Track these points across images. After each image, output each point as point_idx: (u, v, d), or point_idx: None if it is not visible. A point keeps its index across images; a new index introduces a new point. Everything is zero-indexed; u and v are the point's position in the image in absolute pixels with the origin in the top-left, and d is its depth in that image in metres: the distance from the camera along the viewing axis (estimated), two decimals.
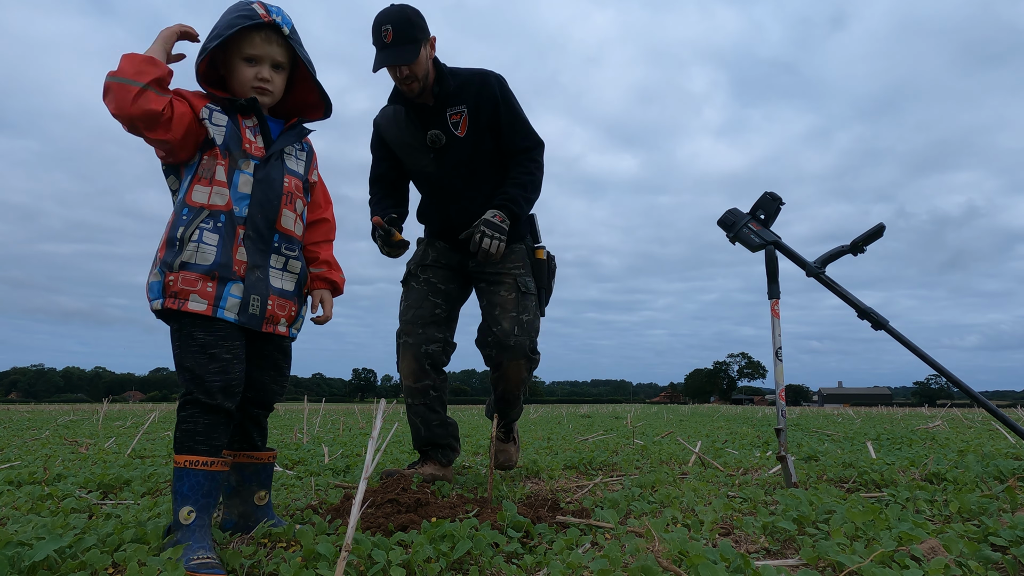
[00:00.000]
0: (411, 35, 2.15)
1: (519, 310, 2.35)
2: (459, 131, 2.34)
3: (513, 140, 2.39)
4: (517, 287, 2.38)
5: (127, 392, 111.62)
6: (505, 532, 1.59)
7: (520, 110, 2.41)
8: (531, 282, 2.43)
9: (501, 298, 2.37)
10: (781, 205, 2.54)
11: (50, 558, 1.26)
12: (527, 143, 2.40)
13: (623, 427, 7.04)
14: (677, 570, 1.24)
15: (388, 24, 2.13)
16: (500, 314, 2.34)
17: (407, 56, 2.14)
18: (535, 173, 2.40)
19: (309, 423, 7.79)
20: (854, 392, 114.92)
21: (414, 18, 2.17)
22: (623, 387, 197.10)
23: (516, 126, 2.39)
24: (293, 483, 2.52)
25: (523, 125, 2.40)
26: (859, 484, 2.45)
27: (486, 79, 2.35)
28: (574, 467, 3.12)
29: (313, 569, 1.27)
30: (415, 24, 2.16)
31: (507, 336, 2.30)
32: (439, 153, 2.36)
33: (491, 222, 2.23)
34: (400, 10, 2.16)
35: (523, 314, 2.35)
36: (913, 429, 6.35)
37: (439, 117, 2.33)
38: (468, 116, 2.33)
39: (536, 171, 2.40)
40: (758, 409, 24.36)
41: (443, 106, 2.33)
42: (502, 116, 2.36)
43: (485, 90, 2.34)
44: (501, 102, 2.35)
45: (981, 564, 1.28)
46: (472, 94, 2.33)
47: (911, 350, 2.33)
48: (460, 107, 2.33)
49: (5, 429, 6.88)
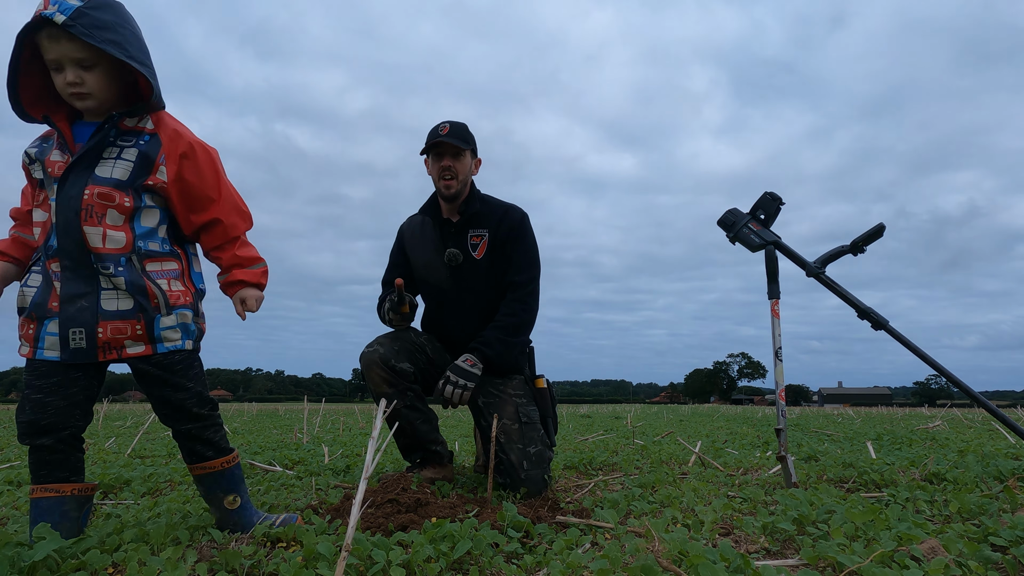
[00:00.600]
0: (464, 136, 2.35)
1: (524, 441, 2.28)
2: (477, 253, 2.41)
3: (511, 276, 2.41)
4: (519, 417, 2.34)
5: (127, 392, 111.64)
6: (505, 532, 1.59)
7: (531, 248, 2.46)
8: (534, 412, 2.39)
9: (504, 425, 2.31)
10: (781, 205, 2.54)
11: (50, 558, 1.27)
12: (521, 278, 2.41)
13: (623, 427, 7.04)
14: (677, 570, 1.24)
15: (447, 123, 2.35)
16: (507, 443, 2.27)
17: (457, 142, 2.31)
18: (520, 315, 2.39)
19: (309, 423, 7.79)
20: (854, 392, 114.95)
21: (469, 130, 2.41)
22: (623, 387, 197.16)
23: (520, 261, 2.42)
24: (293, 483, 2.52)
25: (527, 261, 2.43)
26: (859, 484, 2.45)
27: (510, 211, 2.46)
28: (574, 467, 3.12)
29: (313, 569, 1.28)
30: (469, 133, 2.40)
31: (516, 470, 2.23)
32: (454, 271, 2.43)
33: (460, 367, 2.24)
34: (459, 123, 2.39)
35: (529, 446, 2.28)
36: (913, 429, 6.35)
37: (461, 236, 2.43)
38: (488, 241, 2.42)
39: (522, 312, 2.39)
40: (758, 409, 24.37)
41: (467, 226, 2.43)
42: (514, 248, 2.42)
43: (507, 220, 2.43)
44: (518, 236, 2.43)
45: (981, 564, 1.28)
46: (495, 221, 2.43)
47: (911, 350, 2.33)
48: (482, 231, 2.42)
49: (5, 429, 6.88)
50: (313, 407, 14.19)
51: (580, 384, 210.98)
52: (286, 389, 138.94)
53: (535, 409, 2.41)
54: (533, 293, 2.42)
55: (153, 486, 2.47)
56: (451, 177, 2.34)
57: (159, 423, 8.20)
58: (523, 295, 2.40)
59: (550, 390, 2.52)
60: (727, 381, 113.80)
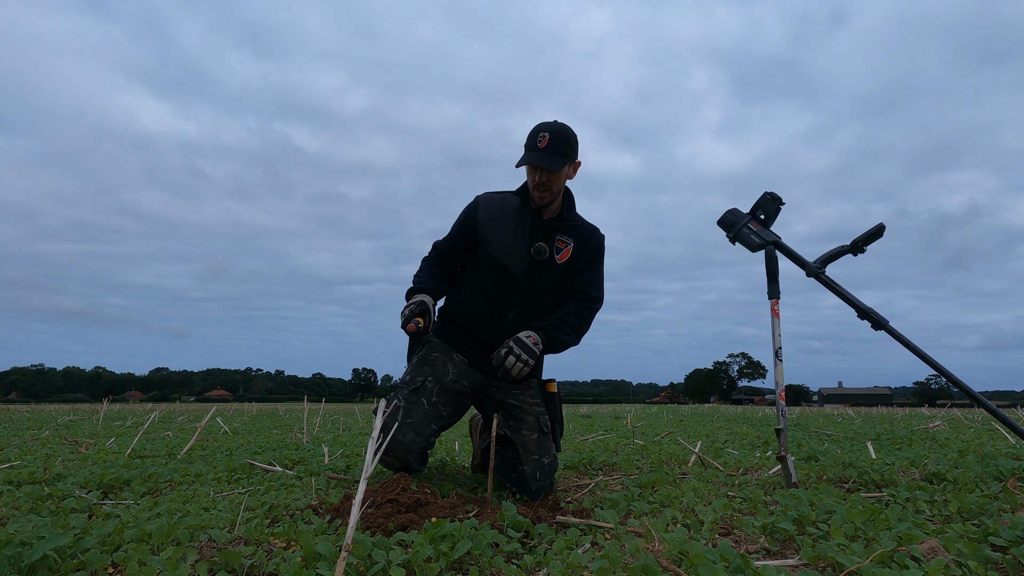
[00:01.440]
0: (563, 149, 2.24)
1: (541, 452, 2.30)
2: (560, 257, 2.40)
3: (584, 285, 2.43)
4: (540, 427, 2.35)
5: (127, 392, 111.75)
6: (505, 532, 1.59)
7: (602, 275, 2.50)
8: (547, 420, 2.41)
9: (523, 437, 2.33)
10: (781, 205, 2.54)
11: (50, 558, 1.26)
12: (595, 293, 2.45)
13: (623, 427, 7.04)
14: (677, 570, 1.24)
15: (547, 132, 2.24)
16: (523, 454, 2.29)
17: (554, 164, 2.22)
18: (585, 315, 2.42)
19: (309, 423, 7.78)
20: (854, 392, 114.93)
21: (571, 136, 2.28)
22: (623, 387, 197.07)
23: (595, 277, 2.47)
24: (293, 483, 2.52)
25: (600, 280, 2.49)
26: (859, 484, 2.45)
27: (596, 231, 2.48)
28: (574, 467, 3.12)
29: (313, 569, 1.28)
30: (570, 142, 2.27)
31: (528, 481, 2.24)
32: (533, 263, 2.38)
33: (523, 342, 2.22)
34: (561, 125, 2.27)
35: (544, 456, 2.30)
36: (913, 429, 6.35)
37: (550, 236, 2.39)
38: (572, 251, 2.41)
39: (587, 313, 2.43)
40: (758, 409, 24.37)
41: (557, 229, 2.40)
42: (591, 265, 2.45)
43: (592, 240, 2.45)
44: (597, 256, 2.47)
45: (981, 564, 1.28)
46: (583, 236, 2.43)
47: (911, 350, 2.33)
48: (569, 239, 2.41)
49: (5, 429, 6.88)
50: (313, 407, 14.20)
51: (580, 384, 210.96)
52: (286, 389, 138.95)
53: (547, 417, 2.42)
54: (596, 309, 2.46)
55: (153, 486, 2.47)
56: (544, 190, 2.29)
57: (159, 423, 8.20)
58: (592, 304, 2.44)
59: (558, 393, 2.52)
60: (727, 381, 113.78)
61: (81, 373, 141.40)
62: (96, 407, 20.84)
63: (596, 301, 2.45)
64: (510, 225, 2.39)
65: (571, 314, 2.38)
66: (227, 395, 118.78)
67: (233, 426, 7.50)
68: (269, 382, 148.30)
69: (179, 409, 19.53)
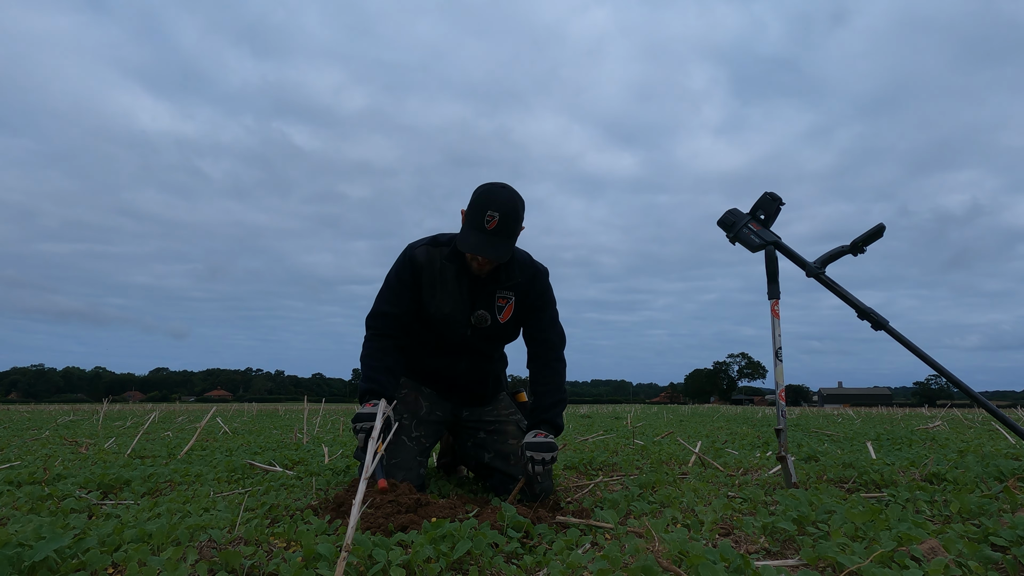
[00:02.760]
0: (513, 230, 2.10)
1: None
2: (502, 316, 2.30)
3: (548, 334, 2.36)
4: (522, 432, 2.35)
5: (127, 392, 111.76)
6: (505, 532, 1.59)
7: (555, 306, 2.41)
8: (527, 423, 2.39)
9: (511, 446, 2.34)
10: (781, 205, 2.54)
11: (50, 558, 1.26)
12: (558, 339, 2.38)
13: (623, 427, 7.03)
14: (677, 570, 1.24)
15: (496, 212, 2.04)
16: (516, 463, 2.29)
17: (502, 253, 2.07)
18: (563, 374, 2.37)
19: (309, 423, 7.78)
20: (854, 392, 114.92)
21: (520, 211, 2.11)
22: (623, 387, 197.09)
23: (551, 318, 2.38)
24: (293, 483, 2.52)
25: (555, 319, 2.40)
26: (859, 484, 2.45)
27: (539, 273, 2.34)
28: (574, 467, 3.12)
29: (313, 569, 1.28)
30: (520, 218, 2.11)
31: (530, 486, 2.21)
32: (475, 331, 2.31)
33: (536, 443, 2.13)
34: (512, 202, 2.08)
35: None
36: (913, 429, 6.35)
37: (489, 297, 2.27)
38: (515, 305, 2.31)
39: (563, 371, 2.37)
40: (758, 409, 24.36)
41: (496, 285, 2.26)
42: (544, 310, 2.36)
43: (535, 284, 2.32)
44: (547, 300, 2.36)
45: (981, 564, 1.28)
46: (525, 283, 2.30)
47: (911, 350, 2.33)
48: (510, 293, 2.29)
49: (5, 429, 6.88)
50: (313, 407, 14.18)
51: (580, 384, 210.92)
52: (286, 389, 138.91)
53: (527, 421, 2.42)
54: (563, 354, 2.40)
55: (153, 486, 2.47)
56: (489, 267, 2.18)
57: (159, 423, 8.19)
58: (561, 354, 2.38)
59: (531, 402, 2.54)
60: (727, 381, 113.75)
61: (81, 373, 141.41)
62: (96, 407, 20.84)
63: (561, 345, 2.39)
64: (447, 294, 2.26)
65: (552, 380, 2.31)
66: (227, 395, 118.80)
67: (233, 426, 7.50)
68: (269, 382, 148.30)
69: (179, 409, 19.54)
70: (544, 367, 2.34)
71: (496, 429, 2.40)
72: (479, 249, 2.04)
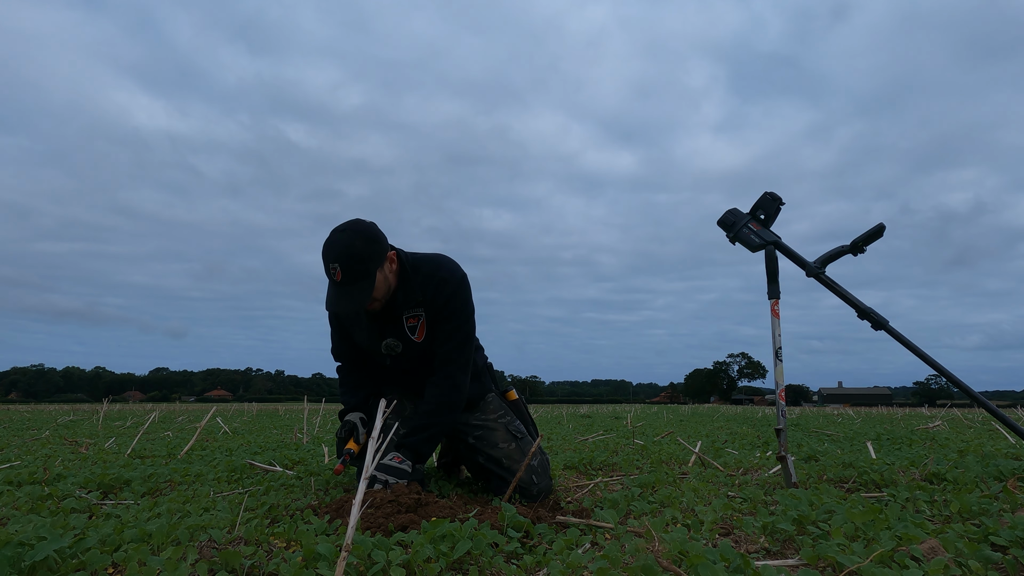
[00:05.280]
0: (362, 270, 1.96)
1: (524, 456, 2.29)
2: (416, 336, 2.22)
3: (445, 347, 2.20)
4: (513, 435, 2.34)
5: (127, 392, 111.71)
6: (505, 532, 1.59)
7: (465, 320, 2.22)
8: (520, 425, 2.41)
9: (501, 451, 2.30)
10: (781, 205, 2.54)
11: (50, 558, 1.26)
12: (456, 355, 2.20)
13: (623, 427, 7.04)
14: (677, 570, 1.24)
15: (336, 263, 1.94)
16: (511, 465, 2.28)
17: (361, 297, 1.97)
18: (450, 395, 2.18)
19: (309, 423, 7.78)
20: (854, 392, 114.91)
21: (362, 250, 1.95)
22: (623, 387, 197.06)
23: (450, 336, 2.20)
24: (293, 483, 2.52)
25: (458, 333, 2.21)
26: (859, 484, 2.45)
27: (444, 281, 2.17)
28: (574, 467, 3.12)
29: (313, 569, 1.28)
30: (364, 257, 1.95)
31: (528, 487, 2.22)
32: (395, 358, 2.27)
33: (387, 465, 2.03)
34: (348, 246, 1.94)
35: (532, 460, 2.26)
36: (913, 429, 6.36)
37: (396, 324, 2.20)
38: (427, 320, 2.21)
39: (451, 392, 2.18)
40: (758, 409, 24.37)
41: (400, 311, 2.18)
42: (444, 323, 2.20)
43: (440, 294, 2.17)
44: (452, 311, 2.19)
45: (981, 564, 1.28)
46: (430, 295, 2.17)
47: (911, 350, 2.33)
48: (418, 311, 2.19)
49: (5, 429, 6.88)
50: (313, 407, 14.17)
51: (580, 384, 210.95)
52: (286, 389, 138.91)
53: (519, 423, 2.43)
54: (463, 366, 2.22)
55: (153, 486, 2.47)
56: (373, 303, 2.09)
57: (159, 423, 8.19)
58: (452, 370, 2.19)
59: (522, 399, 2.54)
60: (727, 381, 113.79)
61: (81, 373, 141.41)
62: (96, 407, 20.84)
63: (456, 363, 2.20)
64: (359, 328, 2.26)
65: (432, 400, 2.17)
66: (227, 395, 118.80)
67: (233, 426, 7.50)
68: (269, 382, 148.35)
69: (179, 409, 19.55)
70: (431, 385, 2.21)
71: (483, 436, 2.36)
72: (333, 305, 2.00)
